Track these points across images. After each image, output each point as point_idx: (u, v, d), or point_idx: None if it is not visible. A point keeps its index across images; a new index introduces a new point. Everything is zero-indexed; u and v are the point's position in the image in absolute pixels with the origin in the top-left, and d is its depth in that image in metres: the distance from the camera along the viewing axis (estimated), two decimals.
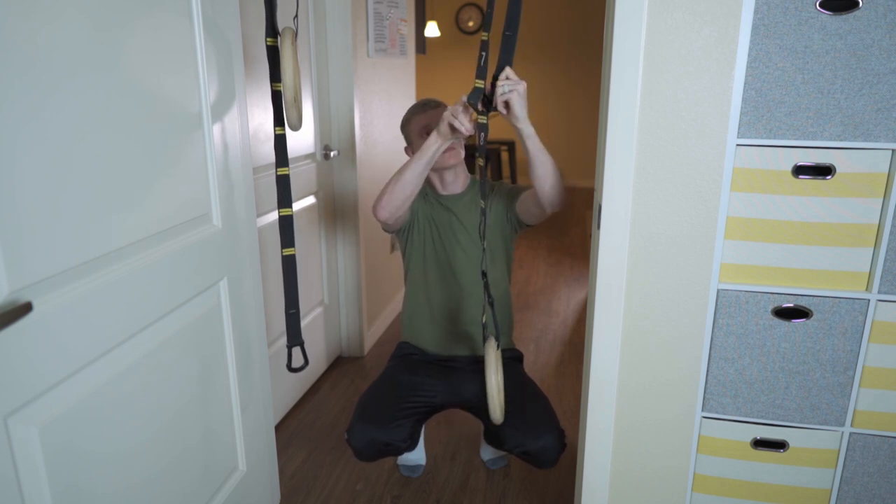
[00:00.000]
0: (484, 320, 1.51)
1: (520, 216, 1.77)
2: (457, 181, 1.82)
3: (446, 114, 1.46)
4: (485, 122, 1.41)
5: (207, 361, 1.42)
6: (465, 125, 1.43)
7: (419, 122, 1.78)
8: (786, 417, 1.33)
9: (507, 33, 1.34)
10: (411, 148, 1.83)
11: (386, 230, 1.79)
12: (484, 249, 1.45)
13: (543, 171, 1.53)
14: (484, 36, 1.37)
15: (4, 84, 0.86)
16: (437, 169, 1.79)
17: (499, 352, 1.46)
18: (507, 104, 1.38)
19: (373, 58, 2.75)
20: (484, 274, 1.48)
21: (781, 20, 1.13)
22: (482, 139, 1.41)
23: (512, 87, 1.35)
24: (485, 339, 1.50)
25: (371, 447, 1.67)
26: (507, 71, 1.36)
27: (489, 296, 1.48)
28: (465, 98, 1.42)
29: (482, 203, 1.43)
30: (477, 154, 1.43)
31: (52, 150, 0.95)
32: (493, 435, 1.83)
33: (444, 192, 1.83)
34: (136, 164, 1.14)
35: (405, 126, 1.83)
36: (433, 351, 1.87)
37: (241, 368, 1.57)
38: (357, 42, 2.55)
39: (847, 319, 1.24)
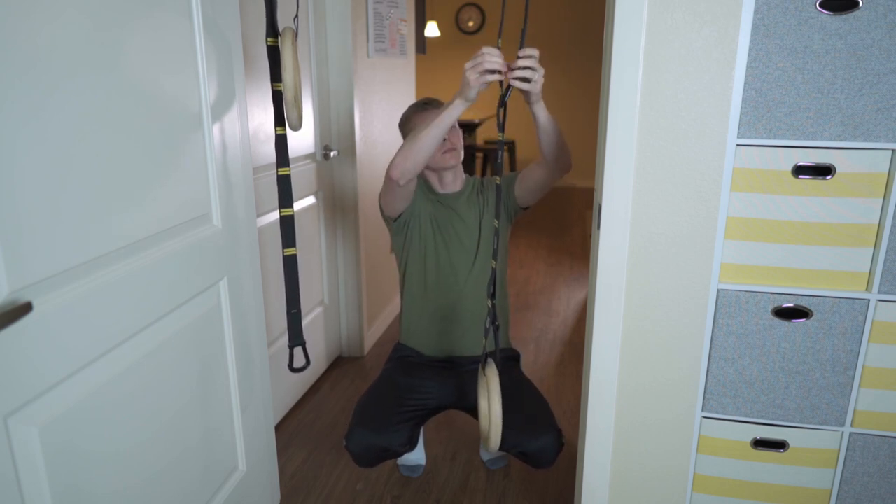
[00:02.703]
0: (486, 343, 1.45)
1: (518, 201, 1.79)
2: (456, 180, 1.83)
3: (475, 66, 1.36)
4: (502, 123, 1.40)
5: (207, 361, 1.42)
6: (498, 62, 1.35)
7: (419, 121, 1.78)
8: (786, 417, 1.33)
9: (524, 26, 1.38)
10: None
11: (389, 208, 1.76)
12: (494, 270, 1.40)
13: (555, 136, 1.57)
14: (499, 43, 1.38)
15: (4, 84, 0.86)
16: (437, 169, 1.79)
17: (496, 378, 1.38)
18: (524, 82, 1.36)
19: (373, 58, 2.75)
20: (493, 295, 1.41)
21: (781, 20, 1.13)
22: (502, 120, 1.38)
23: (533, 69, 1.35)
24: (485, 363, 1.41)
25: (370, 452, 1.67)
26: (532, 51, 1.34)
27: (495, 318, 1.41)
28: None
29: (496, 223, 1.41)
30: (495, 173, 1.38)
31: (52, 150, 0.95)
32: None
33: (442, 191, 1.84)
34: (136, 164, 1.14)
35: (404, 124, 1.83)
36: (431, 353, 1.87)
37: (241, 368, 1.57)
38: (357, 42, 2.55)
39: (847, 319, 1.24)
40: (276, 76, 1.38)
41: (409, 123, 1.80)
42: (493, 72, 1.36)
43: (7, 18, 0.86)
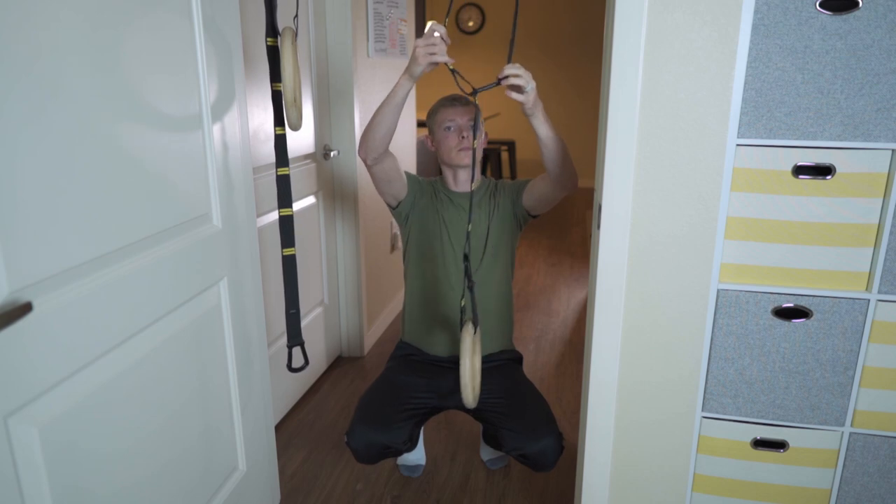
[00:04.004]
0: (463, 304, 1.49)
1: (528, 209, 1.79)
2: (469, 180, 1.83)
3: (421, 50, 1.40)
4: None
5: (207, 361, 1.42)
6: (443, 55, 1.40)
7: (445, 115, 1.77)
8: (786, 417, 1.33)
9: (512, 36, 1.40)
10: (432, 138, 1.83)
11: (382, 194, 1.78)
12: (468, 234, 1.43)
13: (557, 154, 1.57)
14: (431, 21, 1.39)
15: (5, 84, 0.86)
16: (453, 166, 1.79)
17: (476, 336, 1.41)
18: (516, 91, 1.39)
19: (373, 58, 2.75)
20: (465, 258, 1.44)
21: (781, 20, 1.13)
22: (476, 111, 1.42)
23: (523, 79, 1.37)
24: (462, 325, 1.44)
25: (371, 449, 1.67)
26: (515, 66, 1.37)
27: (469, 279, 1.44)
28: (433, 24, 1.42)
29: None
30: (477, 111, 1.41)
31: (53, 150, 0.95)
32: (492, 436, 1.82)
33: (456, 189, 1.83)
34: (136, 163, 1.14)
35: (431, 116, 1.82)
36: (433, 352, 1.87)
37: (241, 368, 1.57)
38: (357, 42, 2.55)
39: (847, 319, 1.24)
40: (275, 76, 1.38)
41: (435, 116, 1.80)
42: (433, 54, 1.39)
43: (7, 18, 0.86)
